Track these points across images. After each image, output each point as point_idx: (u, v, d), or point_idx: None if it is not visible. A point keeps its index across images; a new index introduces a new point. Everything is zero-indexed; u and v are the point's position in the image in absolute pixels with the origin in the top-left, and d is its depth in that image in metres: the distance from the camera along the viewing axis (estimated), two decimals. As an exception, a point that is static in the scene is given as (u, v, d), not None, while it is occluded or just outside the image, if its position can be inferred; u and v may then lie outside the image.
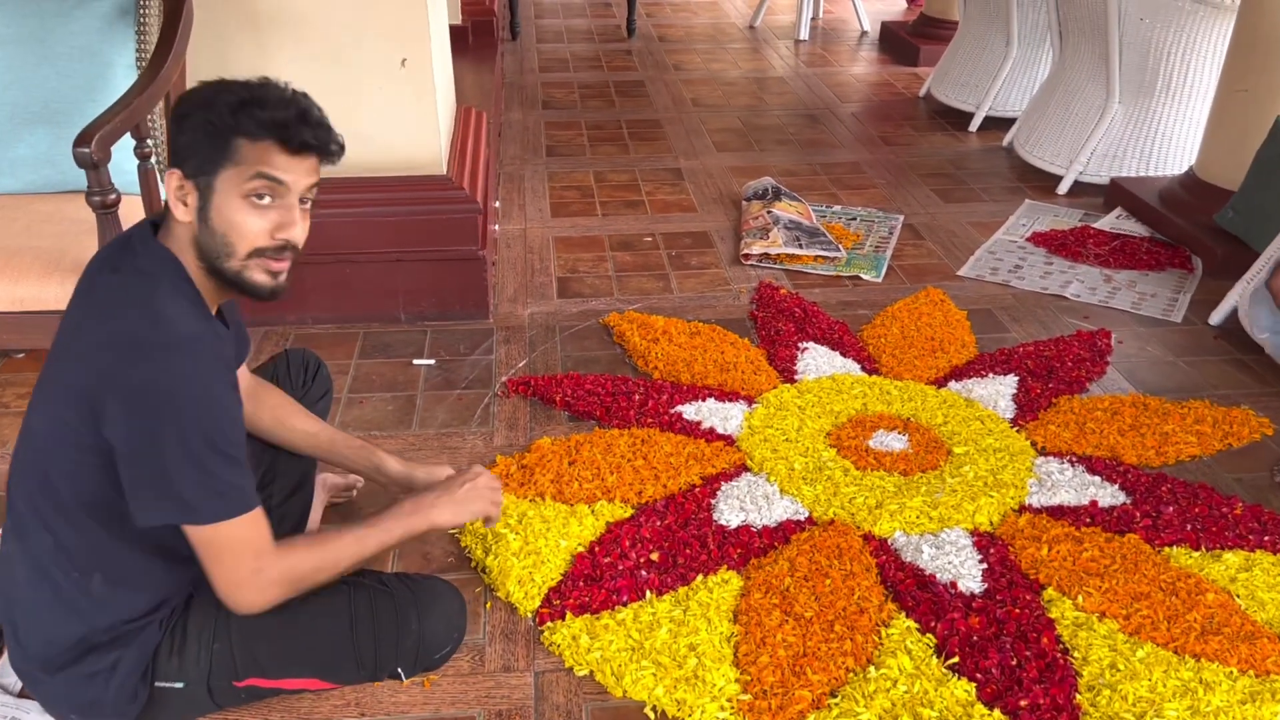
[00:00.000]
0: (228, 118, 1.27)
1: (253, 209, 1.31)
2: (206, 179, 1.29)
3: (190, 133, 1.29)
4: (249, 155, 1.29)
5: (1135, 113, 3.57)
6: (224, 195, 1.30)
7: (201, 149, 1.29)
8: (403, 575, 1.59)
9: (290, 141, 1.30)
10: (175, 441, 1.25)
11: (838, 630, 1.69)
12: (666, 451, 2.15)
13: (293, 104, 1.31)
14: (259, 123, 1.28)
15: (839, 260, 3.10)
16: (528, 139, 4.26)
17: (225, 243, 1.31)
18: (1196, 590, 1.77)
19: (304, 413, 1.74)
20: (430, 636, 1.55)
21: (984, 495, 2.02)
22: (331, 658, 1.52)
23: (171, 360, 1.26)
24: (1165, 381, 2.49)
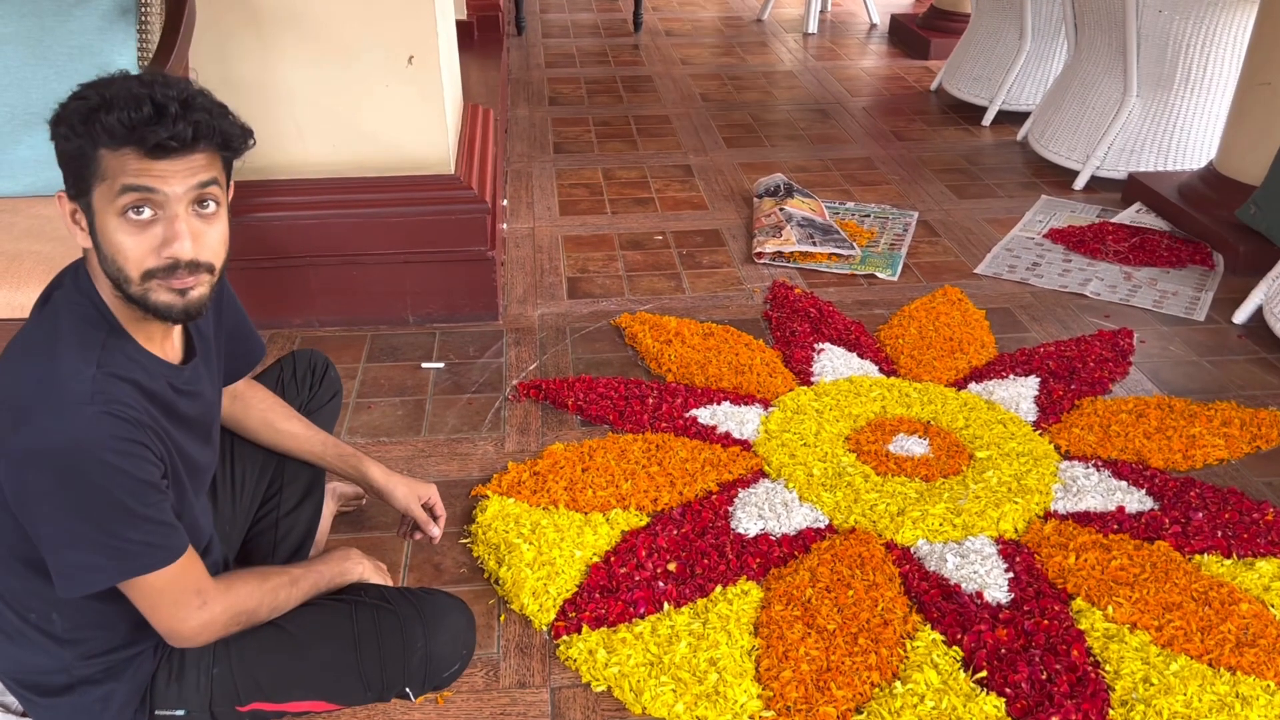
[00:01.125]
0: (81, 129, 1.13)
1: (132, 227, 1.15)
2: (85, 199, 1.16)
3: (58, 149, 1.17)
4: (112, 167, 1.14)
5: (1153, 106, 3.51)
6: (102, 215, 1.16)
7: (70, 166, 1.16)
8: (407, 590, 1.54)
9: (147, 143, 1.12)
10: (64, 509, 1.16)
11: (861, 643, 1.64)
12: (682, 457, 2.10)
13: (145, 100, 1.13)
14: (109, 129, 1.12)
15: (854, 258, 3.05)
16: (535, 136, 4.21)
17: (117, 268, 1.17)
18: (1230, 600, 1.72)
19: (293, 415, 1.68)
20: (438, 655, 1.50)
21: (1008, 501, 1.98)
22: (336, 679, 1.47)
23: (52, 423, 1.14)
24: (1190, 382, 2.44)
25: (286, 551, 1.70)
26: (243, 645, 1.41)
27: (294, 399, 1.78)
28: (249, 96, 2.40)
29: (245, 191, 2.45)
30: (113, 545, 1.18)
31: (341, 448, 1.70)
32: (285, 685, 1.44)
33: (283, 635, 1.44)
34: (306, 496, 1.76)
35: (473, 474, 2.10)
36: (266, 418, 1.64)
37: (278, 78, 2.42)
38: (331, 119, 2.50)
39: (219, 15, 2.33)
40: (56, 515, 1.16)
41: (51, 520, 1.17)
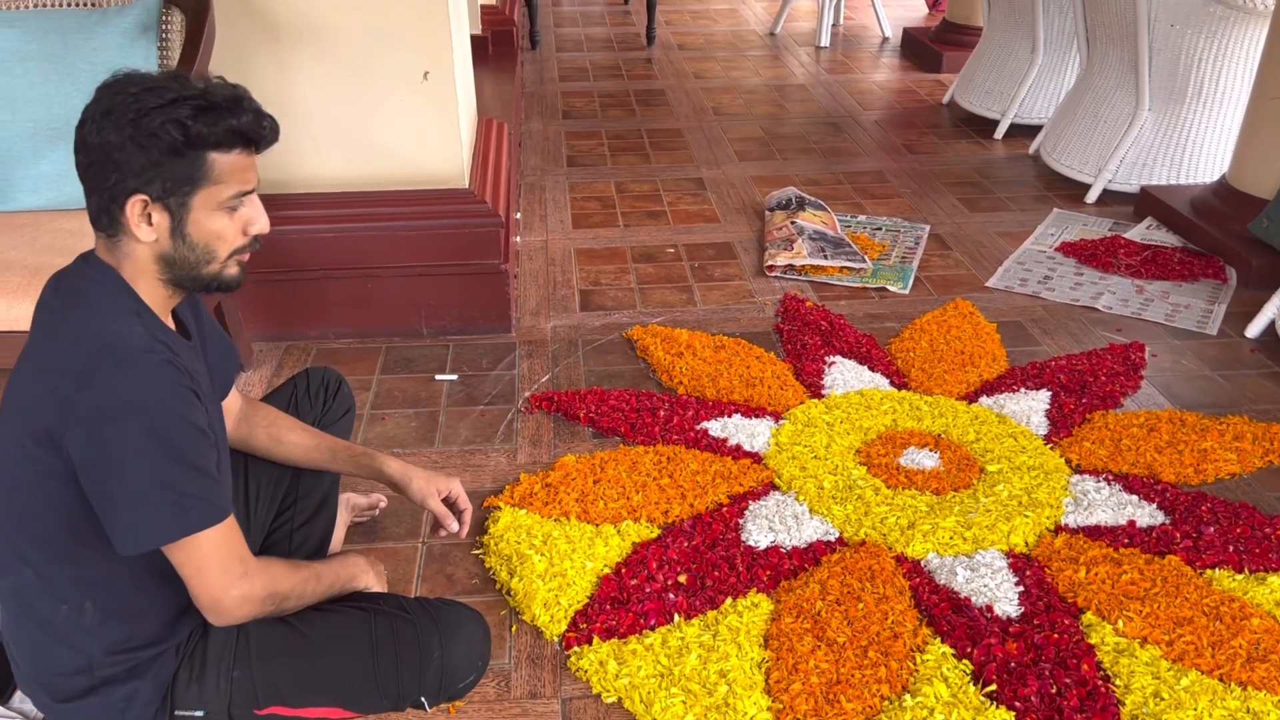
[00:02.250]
0: (196, 132, 1.20)
1: (229, 215, 1.28)
2: (180, 200, 1.24)
3: (148, 151, 1.20)
4: (224, 171, 1.24)
5: (1166, 120, 3.51)
6: (202, 211, 1.26)
7: (171, 169, 1.21)
8: (425, 600, 1.55)
9: (257, 145, 1.27)
10: (134, 459, 1.21)
11: (871, 656, 1.65)
12: (693, 469, 2.12)
13: (242, 102, 1.24)
14: (228, 132, 1.22)
15: (865, 271, 3.06)
16: (548, 149, 4.24)
17: (208, 251, 1.28)
18: (1241, 615, 1.72)
19: (299, 427, 1.69)
20: (453, 665, 1.51)
21: (1019, 515, 1.98)
22: (353, 686, 1.48)
23: (119, 377, 1.21)
24: (1202, 396, 2.44)
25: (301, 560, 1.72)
26: (262, 648, 1.42)
27: (307, 415, 1.80)
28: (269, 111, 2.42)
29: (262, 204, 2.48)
30: (174, 499, 1.22)
31: (353, 449, 1.70)
32: (302, 690, 1.46)
33: (302, 640, 1.46)
34: (320, 509, 1.78)
35: (485, 485, 2.11)
36: (271, 433, 1.66)
37: (295, 93, 2.45)
38: (347, 133, 2.53)
39: (237, 32, 2.36)
40: (128, 466, 1.20)
41: (120, 476, 1.20)
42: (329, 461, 1.70)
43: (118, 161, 1.20)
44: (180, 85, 1.22)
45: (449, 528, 1.67)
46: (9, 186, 2.13)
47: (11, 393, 1.30)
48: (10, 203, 2.14)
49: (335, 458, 1.69)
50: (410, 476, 1.68)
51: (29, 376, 1.27)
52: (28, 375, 1.28)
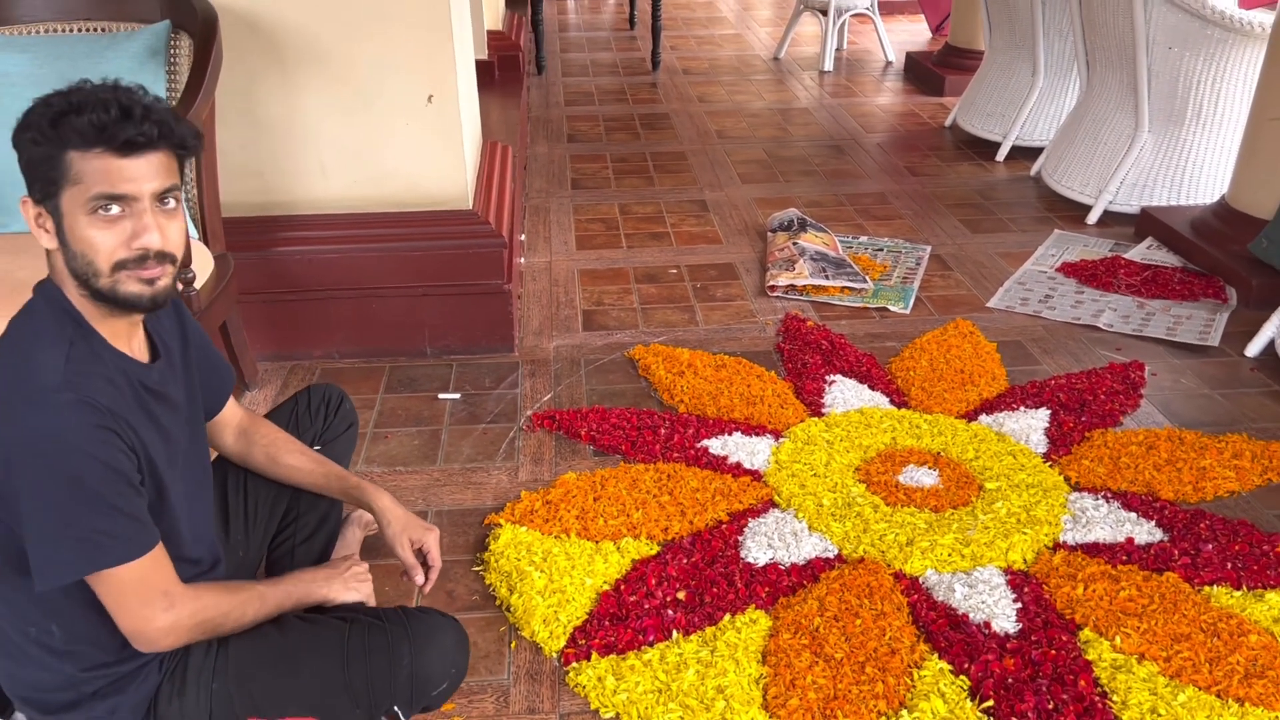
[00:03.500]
0: (50, 133, 1.20)
1: (103, 223, 1.22)
2: (53, 202, 1.22)
3: (24, 155, 1.23)
4: (83, 170, 1.21)
5: (1165, 141, 3.53)
6: (72, 216, 1.22)
7: (38, 171, 1.22)
8: (401, 609, 1.55)
9: (116, 143, 1.20)
10: (38, 497, 1.20)
11: (869, 672, 1.65)
12: (693, 487, 2.13)
13: (112, 102, 1.21)
14: (80, 132, 1.20)
15: (866, 292, 3.08)
16: (553, 172, 4.28)
17: (87, 262, 1.24)
18: (1239, 631, 1.73)
19: (297, 449, 1.70)
20: (425, 673, 1.50)
21: (1017, 532, 1.99)
22: (327, 697, 1.48)
23: (27, 415, 1.20)
24: (1201, 415, 2.44)
25: (301, 575, 1.74)
26: (241, 662, 1.44)
27: (308, 430, 1.82)
28: (274, 134, 2.47)
29: (269, 226, 2.52)
30: (82, 536, 1.22)
31: (346, 480, 1.70)
32: (280, 701, 1.46)
33: (278, 652, 1.47)
34: (321, 526, 1.80)
35: (486, 503, 2.13)
36: (270, 453, 1.67)
37: (301, 116, 2.49)
38: (353, 156, 2.56)
39: (245, 56, 2.40)
40: (33, 504, 1.20)
41: (29, 512, 1.21)
42: (321, 487, 1.70)
43: (20, 165, 1.23)
44: (68, 92, 1.22)
45: (413, 578, 1.65)
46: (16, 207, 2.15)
47: None
48: (18, 224, 2.17)
49: (328, 485, 1.70)
50: (389, 519, 1.66)
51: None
52: None
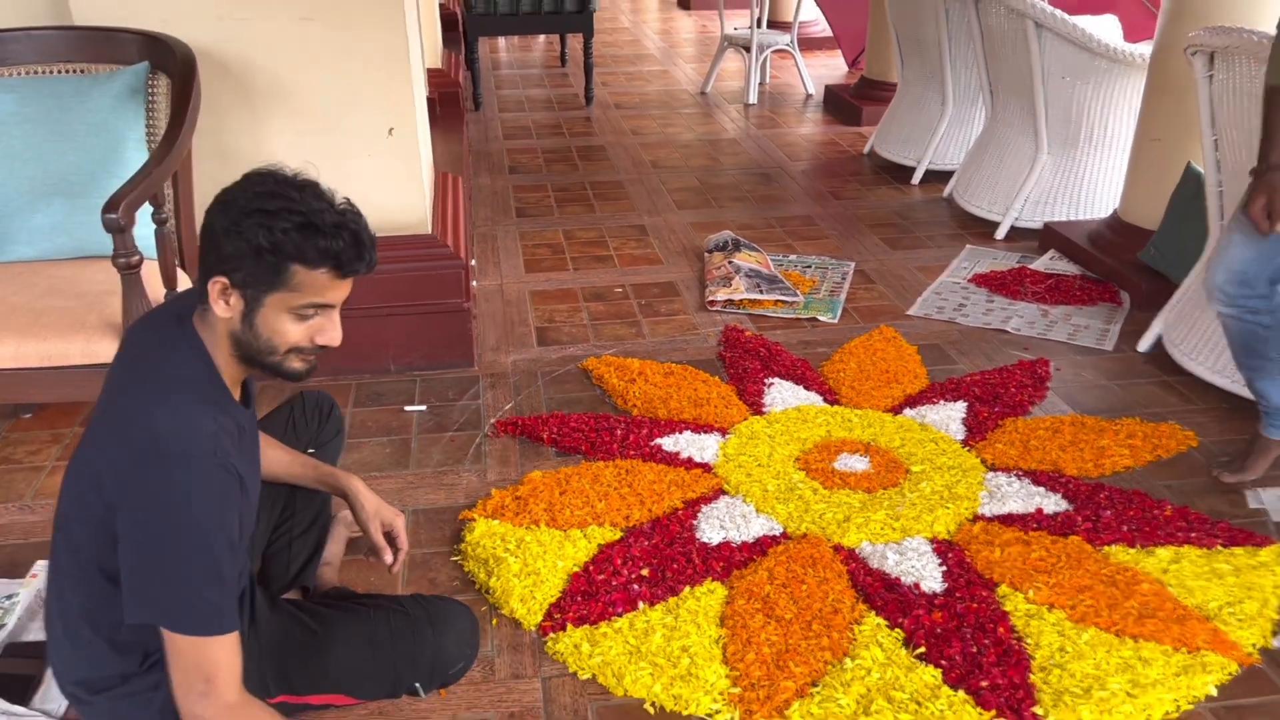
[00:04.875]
0: (286, 245, 1.30)
1: (298, 320, 1.37)
2: (255, 293, 1.34)
3: (239, 244, 1.31)
4: (304, 282, 1.33)
5: (1063, 162, 3.87)
6: (273, 310, 1.35)
7: (253, 267, 1.32)
8: (419, 597, 1.73)
9: (344, 272, 1.36)
10: (171, 553, 1.30)
11: (815, 629, 1.86)
12: (649, 479, 2.32)
13: (345, 229, 1.34)
14: (318, 252, 1.31)
15: (798, 304, 3.32)
16: (497, 202, 4.48)
17: (268, 344, 1.37)
18: (1133, 581, 1.97)
19: (274, 443, 1.82)
20: (445, 654, 1.69)
21: (941, 507, 2.22)
22: (354, 676, 1.65)
23: (179, 475, 1.30)
24: (1099, 403, 2.72)
25: (298, 566, 1.89)
26: (274, 643, 1.59)
27: (304, 433, 1.98)
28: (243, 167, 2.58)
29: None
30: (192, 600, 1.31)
31: (321, 469, 1.84)
32: (309, 680, 1.62)
33: (308, 635, 1.63)
34: (315, 522, 1.96)
35: (459, 501, 2.30)
36: None
37: (268, 149, 2.65)
38: None
39: (215, 94, 2.56)
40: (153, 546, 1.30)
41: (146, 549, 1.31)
42: (298, 476, 1.84)
43: (217, 243, 1.33)
44: (300, 197, 1.32)
45: (383, 558, 1.79)
46: (6, 238, 2.28)
47: (93, 425, 1.43)
48: (7, 254, 2.29)
49: (304, 474, 1.84)
50: (362, 503, 1.80)
51: (106, 429, 1.39)
52: (106, 425, 1.39)
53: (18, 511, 2.27)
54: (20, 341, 2.03)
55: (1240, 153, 2.59)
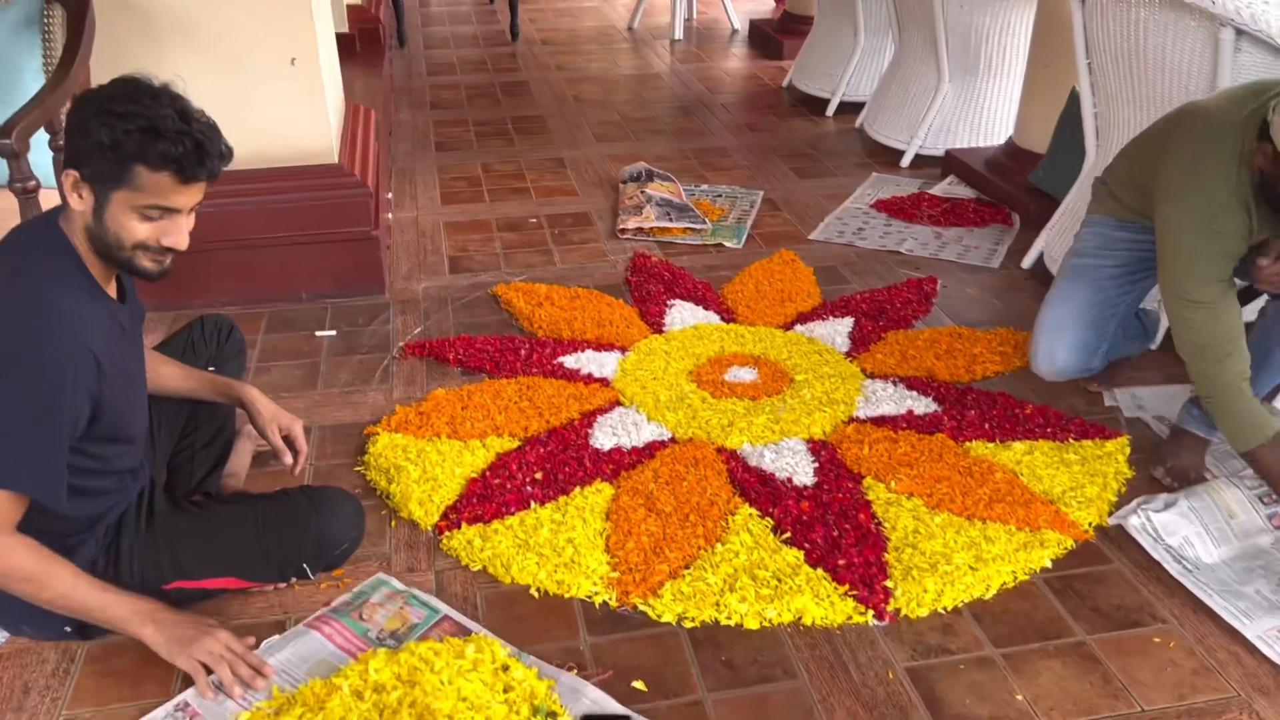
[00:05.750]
0: (127, 144, 1.40)
1: (143, 220, 1.48)
2: (103, 189, 1.45)
3: (89, 143, 1.41)
4: (146, 183, 1.43)
5: (963, 91, 4.00)
6: (118, 207, 1.46)
7: (100, 164, 1.42)
8: (304, 487, 1.85)
9: (185, 176, 1.45)
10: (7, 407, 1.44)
11: (691, 520, 2.00)
12: (549, 394, 2.44)
13: (188, 136, 1.42)
14: (159, 155, 1.41)
15: (705, 231, 3.44)
16: (417, 137, 4.51)
17: (115, 239, 1.49)
18: (988, 471, 2.14)
19: (168, 360, 1.92)
20: (329, 536, 1.81)
21: (819, 411, 2.37)
22: (243, 558, 1.77)
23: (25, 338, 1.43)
24: (980, 316, 2.88)
25: (201, 475, 2.00)
26: (169, 533, 1.70)
27: (203, 354, 2.07)
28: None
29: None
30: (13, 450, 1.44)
31: (217, 380, 1.95)
32: (201, 564, 1.73)
33: (198, 523, 1.75)
34: (216, 436, 2.06)
35: (364, 418, 2.40)
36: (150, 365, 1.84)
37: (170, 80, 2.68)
38: (223, 118, 2.67)
39: (113, 24, 2.58)
40: None
41: None
42: (193, 389, 1.94)
43: (72, 139, 1.45)
44: (151, 104, 1.42)
45: (283, 460, 1.92)
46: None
47: None
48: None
49: (199, 385, 1.94)
50: (259, 409, 1.92)
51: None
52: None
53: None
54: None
55: (1110, 77, 2.73)
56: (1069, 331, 2.26)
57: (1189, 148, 1.96)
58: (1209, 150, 1.91)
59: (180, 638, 1.58)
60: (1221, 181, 1.87)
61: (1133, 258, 2.22)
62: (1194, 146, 1.95)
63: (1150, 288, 2.29)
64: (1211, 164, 1.89)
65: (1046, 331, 2.29)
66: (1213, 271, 1.91)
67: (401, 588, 1.86)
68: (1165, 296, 2.01)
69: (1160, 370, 2.54)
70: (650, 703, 1.63)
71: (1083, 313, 2.25)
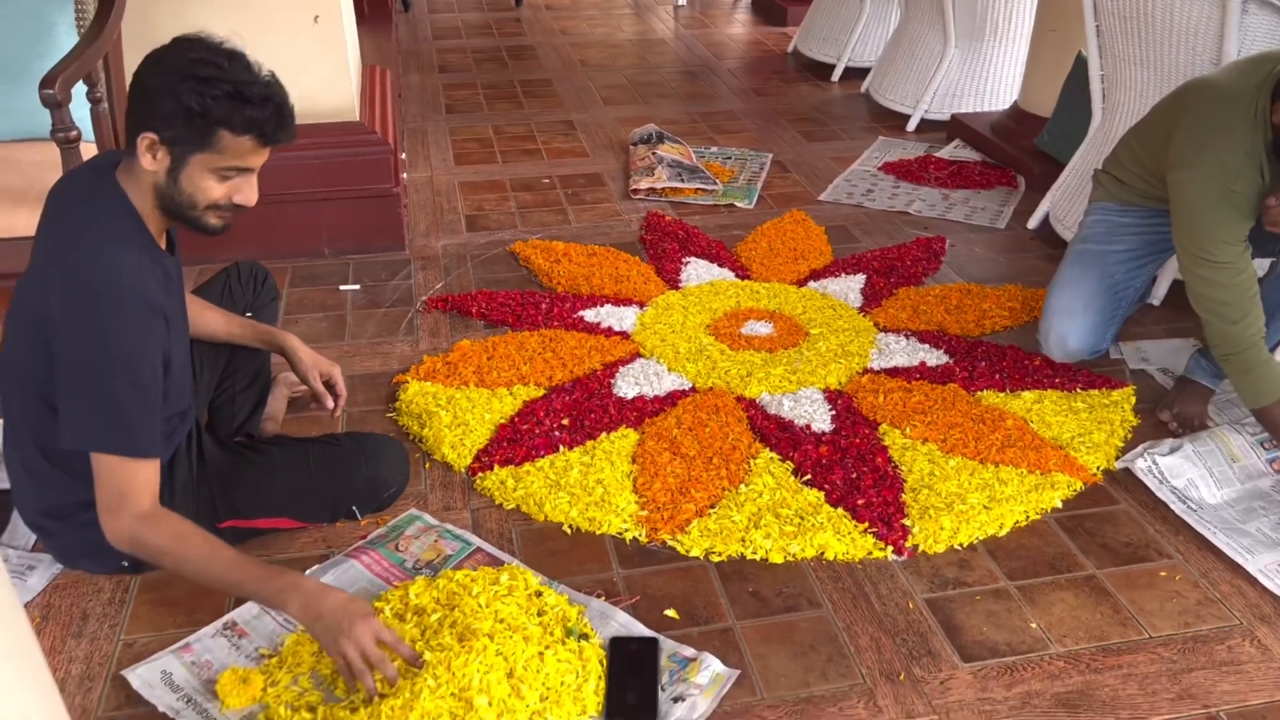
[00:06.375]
0: (215, 110, 1.43)
1: (220, 180, 1.52)
2: (182, 151, 1.47)
3: (174, 107, 1.43)
4: (228, 146, 1.47)
5: (969, 55, 4.06)
6: (196, 169, 1.49)
7: (183, 128, 1.45)
8: (352, 432, 1.92)
9: (268, 140, 1.51)
10: (100, 383, 1.47)
11: (715, 463, 2.08)
12: (571, 346, 2.51)
13: (271, 101, 1.47)
14: (244, 120, 1.45)
15: (716, 192, 3.50)
16: (427, 99, 4.55)
17: (189, 199, 1.52)
18: (999, 419, 2.22)
19: (210, 307, 1.97)
20: (378, 479, 1.89)
21: (834, 362, 2.45)
22: (296, 499, 1.84)
23: (108, 312, 1.47)
24: (987, 274, 2.96)
25: (241, 418, 2.07)
26: (222, 474, 1.77)
27: (241, 299, 2.13)
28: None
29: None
30: (121, 421, 1.49)
31: (259, 327, 2.01)
32: (255, 504, 1.81)
33: (253, 465, 1.82)
34: (255, 379, 2.13)
35: (393, 367, 2.47)
36: (193, 311, 1.90)
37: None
38: None
39: (141, -18, 2.62)
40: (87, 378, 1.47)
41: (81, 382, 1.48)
42: (237, 336, 2.00)
43: (150, 101, 1.46)
44: (230, 66, 1.46)
45: (324, 404, 2.00)
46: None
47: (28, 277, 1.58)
48: None
49: (244, 331, 2.00)
50: (300, 355, 1.99)
51: (41, 274, 1.53)
52: (41, 272, 1.53)
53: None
54: None
55: (1118, 39, 2.79)
56: (1079, 317, 2.33)
57: (1201, 118, 2.03)
58: (1221, 117, 1.98)
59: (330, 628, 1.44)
60: (1237, 145, 1.95)
61: (1139, 242, 2.30)
62: (1207, 115, 2.02)
63: (1157, 269, 2.36)
64: (1224, 130, 1.97)
65: (1057, 316, 2.35)
66: (1232, 232, 1.98)
67: (434, 522, 1.94)
68: (1183, 258, 2.08)
69: (1163, 324, 2.62)
70: (682, 629, 1.71)
71: (1093, 298, 2.32)
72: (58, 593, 1.77)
